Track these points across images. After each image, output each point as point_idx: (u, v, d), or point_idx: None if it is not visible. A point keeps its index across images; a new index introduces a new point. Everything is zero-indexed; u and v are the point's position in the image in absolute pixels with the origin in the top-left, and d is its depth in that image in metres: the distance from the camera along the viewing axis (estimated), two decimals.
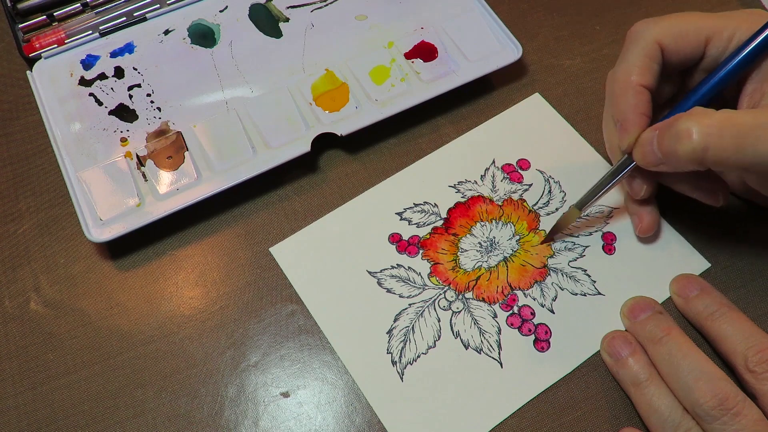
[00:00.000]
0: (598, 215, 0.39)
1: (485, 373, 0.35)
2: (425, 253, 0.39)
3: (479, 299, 0.37)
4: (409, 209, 0.40)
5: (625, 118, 0.34)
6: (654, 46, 0.34)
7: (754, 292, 0.37)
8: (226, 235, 0.40)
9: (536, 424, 0.34)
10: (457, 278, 0.38)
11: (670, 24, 0.34)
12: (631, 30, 0.35)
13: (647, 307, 0.35)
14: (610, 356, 0.34)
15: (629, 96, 0.34)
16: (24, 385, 0.36)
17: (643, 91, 0.34)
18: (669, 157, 0.31)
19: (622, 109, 0.34)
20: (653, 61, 0.34)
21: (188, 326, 0.37)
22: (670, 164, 0.32)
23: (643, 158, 0.33)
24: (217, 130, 0.41)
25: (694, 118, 0.30)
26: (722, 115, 0.29)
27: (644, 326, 0.34)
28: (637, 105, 0.34)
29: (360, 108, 0.42)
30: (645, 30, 0.34)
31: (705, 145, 0.29)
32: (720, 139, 0.29)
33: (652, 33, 0.34)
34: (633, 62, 0.34)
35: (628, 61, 0.34)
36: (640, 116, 0.33)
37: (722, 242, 0.38)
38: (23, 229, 0.40)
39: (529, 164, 0.41)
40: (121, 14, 0.46)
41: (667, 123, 0.31)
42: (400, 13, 0.46)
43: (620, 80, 0.34)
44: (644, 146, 0.33)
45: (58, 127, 0.42)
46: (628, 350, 0.34)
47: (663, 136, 0.31)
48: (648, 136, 0.33)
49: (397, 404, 0.35)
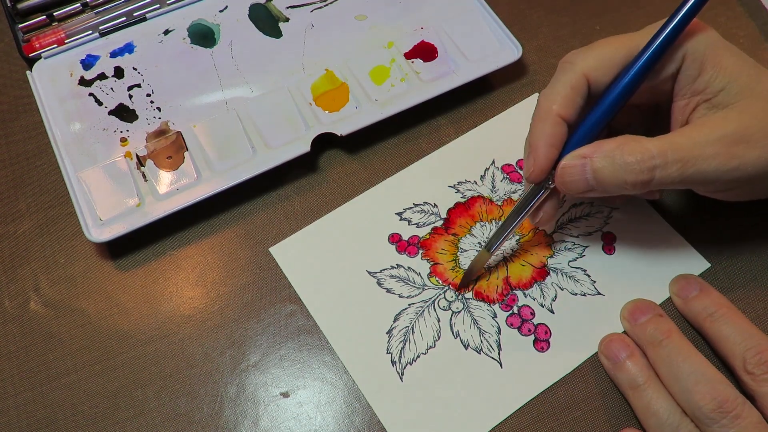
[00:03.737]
0: (597, 215, 0.39)
1: (485, 373, 0.35)
2: (425, 254, 0.39)
3: (479, 299, 0.37)
4: (409, 209, 0.40)
5: (536, 147, 0.33)
6: (581, 79, 0.33)
7: (754, 292, 0.37)
8: (226, 235, 0.40)
9: (536, 424, 0.34)
10: (456, 278, 0.38)
11: (600, 53, 0.33)
12: (564, 59, 0.34)
13: (647, 310, 0.35)
14: (608, 359, 0.34)
15: (546, 126, 0.33)
16: (24, 385, 0.36)
17: (561, 123, 0.33)
18: (607, 185, 0.31)
19: (536, 138, 0.33)
20: (577, 94, 0.33)
21: (188, 326, 0.37)
22: (603, 191, 0.32)
23: (572, 186, 0.32)
24: (217, 130, 0.41)
25: (635, 147, 0.30)
26: (661, 142, 0.30)
27: (644, 329, 0.34)
28: (552, 135, 0.33)
29: (360, 108, 0.42)
30: (575, 60, 0.33)
31: (652, 174, 0.30)
32: (665, 165, 0.30)
33: (581, 65, 0.33)
34: (558, 91, 0.33)
35: (554, 89, 0.33)
36: (551, 148, 0.33)
37: (722, 242, 0.38)
38: (23, 229, 0.40)
39: None
40: (121, 14, 0.46)
41: (601, 151, 0.31)
42: (399, 13, 0.46)
43: (542, 106, 0.33)
44: (573, 174, 0.32)
45: (58, 127, 0.42)
46: (625, 353, 0.34)
47: (602, 166, 0.31)
48: (576, 162, 0.32)
49: (397, 404, 0.35)
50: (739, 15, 0.43)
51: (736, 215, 0.39)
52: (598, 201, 0.40)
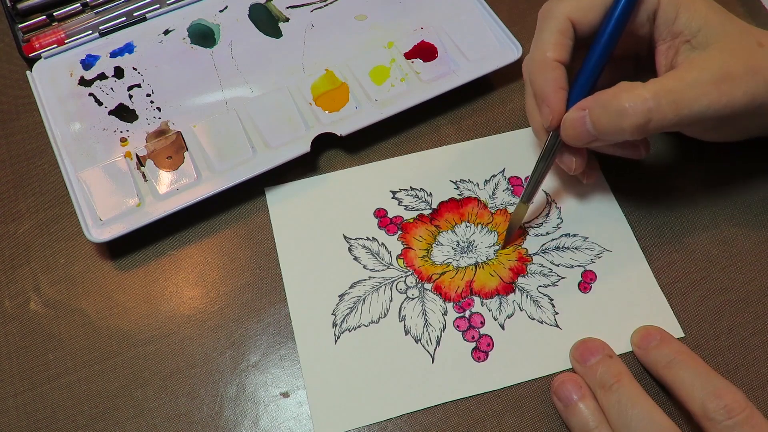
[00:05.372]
0: (587, 251, 0.38)
1: (414, 362, 0.35)
2: (402, 236, 0.39)
3: (436, 293, 0.37)
4: (404, 191, 0.41)
5: (546, 95, 0.35)
6: (566, 22, 0.35)
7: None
8: (226, 235, 0.40)
9: (536, 424, 0.34)
10: (422, 267, 0.38)
11: None
12: (542, 9, 0.36)
13: (597, 350, 0.34)
14: (560, 400, 0.33)
15: (547, 72, 0.35)
16: (24, 385, 0.36)
17: (559, 66, 0.35)
18: (607, 133, 0.32)
19: (542, 87, 0.35)
20: (566, 36, 0.35)
21: (188, 326, 0.37)
22: (606, 139, 0.33)
23: (576, 138, 0.34)
24: (216, 130, 0.41)
25: (630, 94, 0.31)
26: (655, 86, 0.31)
27: (594, 371, 0.33)
28: (555, 80, 0.34)
29: (360, 108, 0.42)
30: (555, 8, 0.35)
31: (648, 117, 0.31)
32: (659, 109, 0.31)
33: (562, 10, 0.35)
34: (547, 40, 0.35)
35: (542, 39, 0.35)
36: (558, 90, 0.34)
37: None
38: (23, 229, 0.40)
39: None
40: (121, 14, 0.46)
41: (598, 102, 0.32)
42: (400, 13, 0.46)
43: (536, 59, 0.35)
44: (575, 126, 0.33)
45: (58, 127, 0.42)
46: (577, 395, 0.33)
47: (599, 115, 0.32)
48: (577, 115, 0.33)
49: (323, 364, 0.36)
50: (740, 15, 0.43)
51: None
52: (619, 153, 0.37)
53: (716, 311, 0.37)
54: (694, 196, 0.40)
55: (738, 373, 0.35)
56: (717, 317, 0.36)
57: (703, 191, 0.40)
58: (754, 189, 0.40)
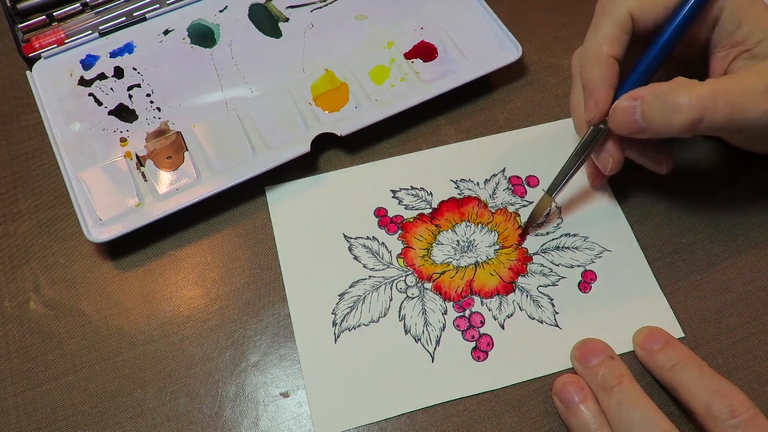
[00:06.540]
0: (587, 251, 0.38)
1: (414, 362, 0.35)
2: (402, 235, 0.39)
3: (436, 292, 0.37)
4: (405, 190, 0.41)
5: (596, 90, 0.34)
6: (626, 17, 0.34)
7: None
8: (226, 235, 0.40)
9: (536, 424, 0.34)
10: (423, 266, 0.38)
11: None
12: (601, 2, 0.35)
13: (598, 351, 0.34)
14: (561, 402, 0.33)
15: (600, 67, 0.34)
16: (24, 385, 0.36)
17: (613, 63, 0.34)
18: (656, 126, 0.32)
19: (593, 81, 0.34)
20: (624, 32, 0.34)
21: (188, 326, 0.37)
22: (651, 132, 0.32)
23: (623, 126, 0.33)
24: (216, 130, 0.41)
25: (686, 90, 0.31)
26: (712, 86, 0.31)
27: (596, 373, 0.33)
28: (607, 76, 0.34)
29: (360, 108, 0.42)
30: (617, 2, 0.35)
31: (701, 115, 0.31)
32: (714, 109, 0.30)
33: (625, 4, 0.34)
34: (605, 33, 0.34)
35: (600, 32, 0.35)
36: (609, 87, 0.34)
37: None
38: (23, 229, 0.40)
39: (538, 182, 0.41)
40: (121, 14, 0.46)
41: (654, 93, 0.32)
42: (399, 13, 0.46)
43: (591, 51, 0.35)
44: (625, 115, 0.33)
45: (58, 127, 0.42)
46: (579, 397, 0.33)
47: (653, 106, 0.32)
48: (628, 104, 0.33)
49: (323, 362, 0.35)
50: None
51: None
52: (652, 151, 0.37)
53: (716, 311, 0.37)
54: (694, 197, 0.40)
55: (738, 373, 0.35)
56: (717, 317, 0.36)
57: (704, 191, 0.40)
58: (754, 189, 0.40)
